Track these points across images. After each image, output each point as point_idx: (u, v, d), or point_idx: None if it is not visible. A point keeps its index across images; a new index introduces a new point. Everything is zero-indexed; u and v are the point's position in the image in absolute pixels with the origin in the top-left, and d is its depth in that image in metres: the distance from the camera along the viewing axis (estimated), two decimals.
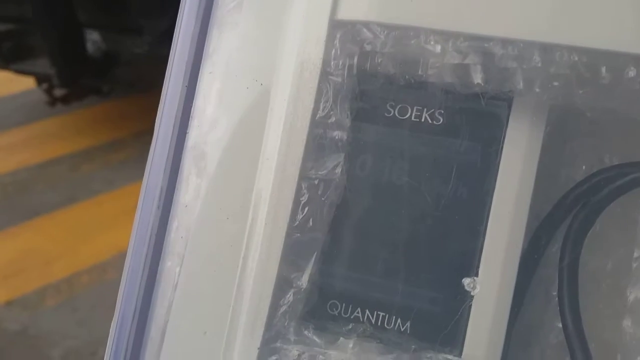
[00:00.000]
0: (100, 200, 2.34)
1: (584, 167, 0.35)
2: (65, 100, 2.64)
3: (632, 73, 0.30)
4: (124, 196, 2.34)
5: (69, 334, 1.78)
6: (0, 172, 2.47)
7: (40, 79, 2.59)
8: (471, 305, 0.33)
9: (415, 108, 0.34)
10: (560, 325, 0.33)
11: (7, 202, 2.33)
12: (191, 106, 0.35)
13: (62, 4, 2.15)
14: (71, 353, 1.73)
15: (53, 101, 2.64)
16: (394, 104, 0.35)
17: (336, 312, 0.35)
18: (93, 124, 2.75)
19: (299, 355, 0.33)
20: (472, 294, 0.33)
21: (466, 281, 0.33)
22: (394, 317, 0.34)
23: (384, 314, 0.34)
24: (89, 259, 2.04)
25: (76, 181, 2.44)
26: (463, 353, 0.32)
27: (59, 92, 2.60)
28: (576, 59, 0.30)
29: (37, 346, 1.75)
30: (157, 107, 0.35)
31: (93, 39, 2.30)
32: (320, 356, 0.33)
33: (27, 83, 2.74)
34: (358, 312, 0.34)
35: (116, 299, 0.35)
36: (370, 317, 0.34)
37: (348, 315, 0.35)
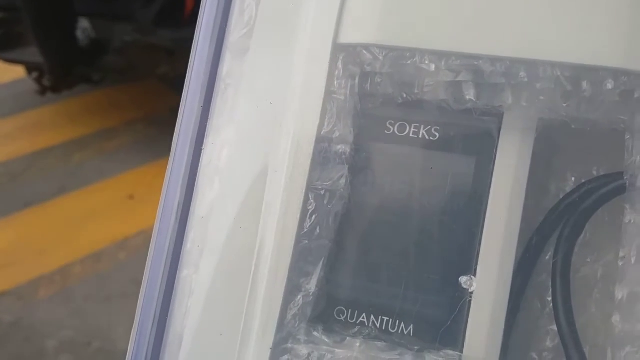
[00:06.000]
0: (93, 189, 2.32)
1: (572, 178, 0.37)
2: (55, 89, 2.60)
3: (610, 85, 0.32)
4: (116, 185, 2.32)
5: (64, 324, 1.77)
6: None
7: (30, 68, 2.56)
8: (470, 303, 0.34)
9: (413, 125, 0.37)
10: (555, 328, 0.35)
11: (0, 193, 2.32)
12: (206, 125, 0.37)
13: None
14: (66, 344, 1.72)
15: (43, 90, 2.60)
16: (393, 122, 0.37)
17: (343, 318, 0.37)
18: (84, 112, 2.72)
19: (309, 354, 0.35)
20: (469, 291, 0.34)
21: (463, 279, 0.35)
22: (397, 320, 0.36)
23: (387, 318, 0.36)
24: (82, 249, 2.02)
25: (68, 170, 2.42)
26: (464, 350, 0.34)
27: (49, 81, 2.58)
28: (559, 73, 0.33)
29: (32, 337, 1.74)
30: (149, 95, 0.37)
31: (83, 26, 2.26)
32: (329, 355, 0.35)
33: (16, 72, 2.71)
34: (363, 317, 0.36)
35: (110, 289, 0.36)
36: (375, 322, 0.36)
37: (354, 320, 0.37)
